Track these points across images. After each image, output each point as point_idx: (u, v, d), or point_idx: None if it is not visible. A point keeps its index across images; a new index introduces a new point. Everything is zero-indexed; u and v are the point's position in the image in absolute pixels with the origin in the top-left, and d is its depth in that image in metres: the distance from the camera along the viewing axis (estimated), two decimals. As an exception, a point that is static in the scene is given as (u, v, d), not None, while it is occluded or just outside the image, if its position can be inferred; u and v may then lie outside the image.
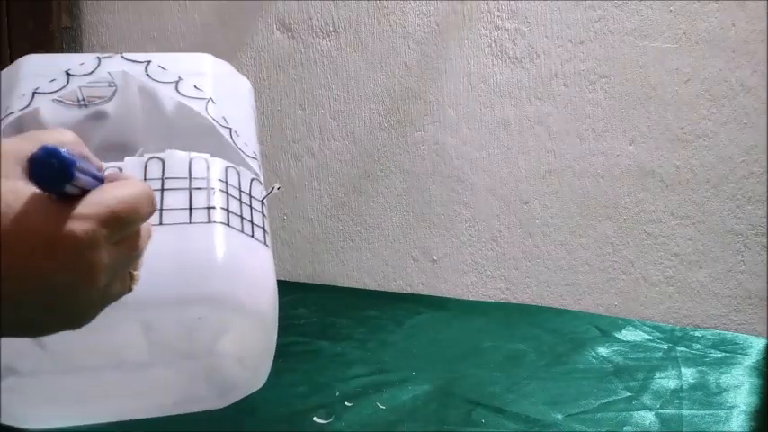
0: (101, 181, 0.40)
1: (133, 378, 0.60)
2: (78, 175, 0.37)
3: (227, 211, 0.59)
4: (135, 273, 0.46)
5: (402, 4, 1.03)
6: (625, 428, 0.71)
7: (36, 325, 0.40)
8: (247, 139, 0.66)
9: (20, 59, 0.68)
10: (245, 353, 0.61)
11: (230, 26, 1.10)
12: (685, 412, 0.73)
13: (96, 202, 0.38)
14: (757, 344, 0.88)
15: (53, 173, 0.36)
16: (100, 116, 0.62)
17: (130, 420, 0.63)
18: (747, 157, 0.97)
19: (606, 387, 0.78)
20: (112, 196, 0.39)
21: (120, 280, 0.43)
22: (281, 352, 0.73)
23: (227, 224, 0.58)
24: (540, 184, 1.03)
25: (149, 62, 0.63)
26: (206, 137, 0.63)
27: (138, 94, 0.62)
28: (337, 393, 0.76)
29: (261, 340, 0.61)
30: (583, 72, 0.99)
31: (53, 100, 0.62)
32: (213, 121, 0.63)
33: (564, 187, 1.02)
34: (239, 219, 0.59)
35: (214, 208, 0.58)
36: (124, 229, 0.40)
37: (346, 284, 1.11)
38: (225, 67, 0.72)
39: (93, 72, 0.63)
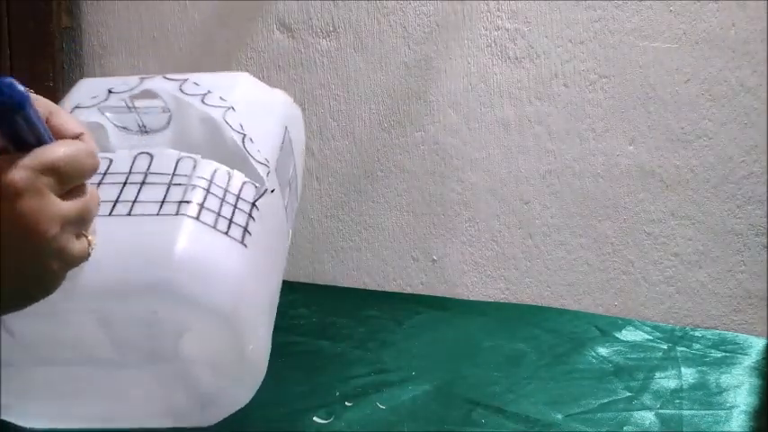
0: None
1: (108, 378, 0.60)
2: (30, 113, 0.39)
3: (202, 206, 0.58)
4: (91, 237, 0.46)
5: (402, 4, 1.03)
6: (625, 428, 0.71)
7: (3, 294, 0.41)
8: (263, 146, 0.66)
9: (77, 83, 0.71)
10: (213, 358, 0.59)
11: (230, 26, 1.10)
12: (685, 412, 0.73)
13: (37, 154, 0.41)
14: (757, 344, 0.88)
15: (4, 100, 0.37)
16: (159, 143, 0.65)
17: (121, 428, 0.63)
18: (747, 157, 0.97)
19: (606, 387, 0.78)
20: (53, 150, 0.41)
21: (77, 239, 0.45)
22: (281, 352, 0.73)
23: (197, 218, 0.57)
24: (540, 184, 1.03)
25: (186, 80, 0.66)
26: (220, 140, 0.64)
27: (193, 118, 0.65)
28: (337, 393, 0.76)
29: (228, 343, 0.58)
30: (583, 72, 0.99)
31: (117, 126, 0.64)
32: (227, 125, 0.64)
33: (564, 187, 1.02)
34: (215, 215, 0.59)
35: (187, 202, 0.58)
36: (66, 181, 0.42)
37: (346, 284, 1.11)
38: (258, 84, 0.74)
39: (133, 89, 0.66)
